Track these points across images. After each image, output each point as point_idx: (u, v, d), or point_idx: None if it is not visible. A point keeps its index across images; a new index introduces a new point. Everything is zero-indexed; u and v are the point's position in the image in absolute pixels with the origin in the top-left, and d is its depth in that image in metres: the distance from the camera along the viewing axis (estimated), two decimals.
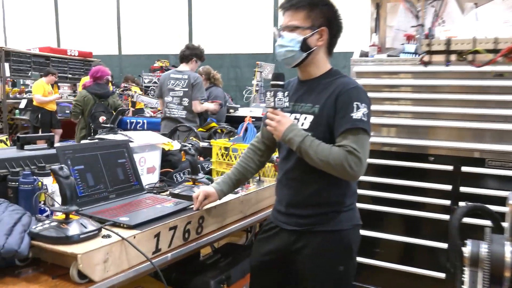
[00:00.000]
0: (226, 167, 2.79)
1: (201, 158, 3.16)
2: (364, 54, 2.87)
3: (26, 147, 2.18)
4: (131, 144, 2.40)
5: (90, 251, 1.37)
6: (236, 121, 5.35)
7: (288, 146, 1.74)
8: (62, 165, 1.48)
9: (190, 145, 3.23)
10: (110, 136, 2.52)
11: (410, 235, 2.81)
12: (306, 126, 1.74)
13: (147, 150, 2.59)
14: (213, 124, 4.34)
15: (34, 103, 7.72)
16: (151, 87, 8.50)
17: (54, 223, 1.44)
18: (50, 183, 1.75)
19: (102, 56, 11.01)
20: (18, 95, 8.54)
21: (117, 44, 12.62)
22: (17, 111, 8.46)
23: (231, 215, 2.07)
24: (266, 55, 10.14)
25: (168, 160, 2.85)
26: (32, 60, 8.69)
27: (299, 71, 1.85)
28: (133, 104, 6.66)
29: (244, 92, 8.32)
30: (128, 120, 4.93)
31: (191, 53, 4.54)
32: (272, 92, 1.72)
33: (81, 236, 1.41)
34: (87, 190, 1.73)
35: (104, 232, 1.50)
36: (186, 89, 4.45)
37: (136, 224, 1.58)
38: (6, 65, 8.04)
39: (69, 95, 9.30)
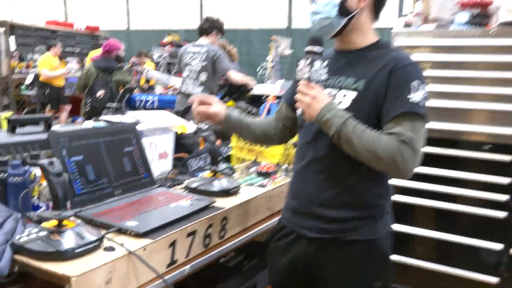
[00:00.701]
0: (248, 153, 2.47)
1: (219, 142, 2.84)
2: (406, 26, 2.49)
3: (19, 130, 1.87)
4: (140, 127, 2.09)
5: (87, 271, 1.06)
6: (252, 100, 5.02)
7: (316, 129, 1.43)
8: (53, 159, 1.16)
9: (206, 126, 2.92)
10: (117, 118, 2.21)
11: (452, 232, 2.49)
12: (346, 104, 1.40)
13: (159, 133, 2.28)
14: (230, 103, 4.01)
15: (41, 78, 7.41)
16: (160, 63, 8.15)
17: (43, 233, 1.13)
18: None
19: (110, 31, 10.63)
20: (24, 70, 8.23)
21: (126, 18, 12.20)
22: (23, 86, 8.17)
23: (258, 213, 1.76)
24: (281, 31, 9.68)
25: (182, 144, 2.54)
26: (37, 34, 8.37)
27: (338, 42, 1.50)
28: (147, 81, 6.31)
29: (258, 69, 7.93)
30: (137, 98, 4.61)
31: (211, 26, 4.24)
32: (308, 60, 1.38)
33: (76, 251, 1.11)
34: (87, 186, 1.42)
35: (106, 243, 1.19)
36: (205, 63, 4.14)
37: (147, 232, 1.27)
38: (12, 39, 7.71)
39: (76, 70, 8.98)
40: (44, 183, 1.44)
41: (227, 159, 2.51)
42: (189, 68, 4.20)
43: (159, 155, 2.29)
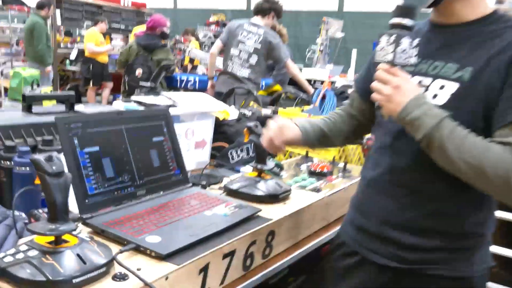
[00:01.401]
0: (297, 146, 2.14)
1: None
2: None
3: (37, 109, 1.62)
4: (175, 111, 1.80)
5: None
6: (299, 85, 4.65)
7: (397, 129, 1.10)
8: (52, 154, 0.87)
9: (250, 112, 2.61)
10: (150, 99, 1.92)
11: None
12: (442, 100, 1.05)
13: (197, 118, 1.98)
14: (277, 87, 3.66)
15: (86, 53, 7.29)
16: (205, 43, 7.88)
17: (34, 252, 0.85)
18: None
19: (157, 9, 10.46)
20: (69, 45, 8.16)
21: None
22: (68, 61, 8.12)
23: (311, 224, 1.44)
24: (331, 13, 9.18)
25: (222, 131, 2.24)
26: (84, 9, 8.26)
27: (436, 12, 1.13)
28: (191, 60, 6.04)
29: (306, 52, 7.52)
30: (178, 78, 4.34)
31: (271, 7, 3.90)
32: (393, 36, 1.03)
33: (76, 280, 0.82)
34: (103, 185, 1.14)
35: (117, 268, 0.90)
36: (259, 46, 3.80)
37: (171, 253, 0.97)
38: (58, 13, 7.62)
39: (121, 48, 8.86)
40: None
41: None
42: (241, 47, 3.86)
43: (195, 144, 2.00)
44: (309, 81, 5.16)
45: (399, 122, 1.03)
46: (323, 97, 2.33)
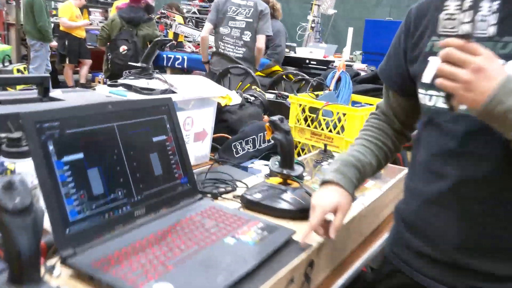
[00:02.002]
0: (311, 138, 1.86)
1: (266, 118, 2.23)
2: None
3: (4, 95, 1.29)
4: (177, 96, 1.50)
5: None
6: (295, 64, 4.35)
7: (468, 128, 0.86)
8: (11, 178, 0.56)
9: (253, 97, 2.30)
10: (142, 82, 1.60)
11: None
12: None
13: (196, 106, 1.68)
14: (277, 67, 3.34)
15: (61, 28, 6.81)
16: (188, 18, 7.45)
17: None
18: (26, 169, 0.87)
19: None
20: None
21: None
22: None
23: (348, 242, 1.16)
24: None
25: (223, 120, 1.94)
26: None
27: None
28: (175, 36, 5.63)
29: (297, 29, 7.17)
30: (164, 56, 3.98)
31: None
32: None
33: None
34: (89, 206, 0.83)
35: None
36: (250, 20, 3.45)
37: None
38: None
39: (100, 22, 8.34)
40: (30, 182, 0.86)
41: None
42: (232, 24, 3.51)
43: (195, 136, 1.70)
44: (303, 60, 4.86)
45: (482, 117, 0.75)
46: (338, 80, 2.03)
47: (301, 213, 1.07)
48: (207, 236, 0.90)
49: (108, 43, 4.26)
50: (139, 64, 1.64)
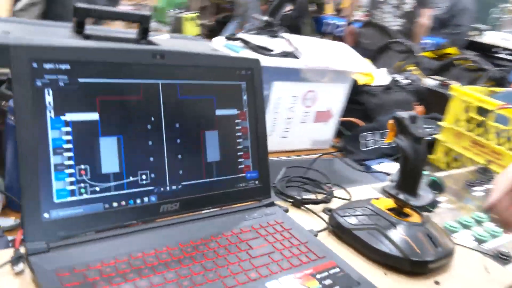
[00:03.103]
0: (471, 148, 1.37)
1: (419, 108, 1.77)
2: None
3: (97, 30, 1.14)
4: (294, 62, 1.21)
5: None
6: (478, 50, 3.61)
7: None
8: None
9: (406, 80, 1.86)
10: (262, 40, 1.32)
11: None
12: None
13: (325, 79, 1.35)
14: (452, 50, 2.74)
15: None
16: None
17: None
18: None
19: None
20: None
21: None
22: None
23: None
24: None
25: (358, 102, 1.57)
26: None
27: None
28: None
29: (491, 11, 6.07)
30: (324, 21, 3.62)
31: None
32: None
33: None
34: (89, 188, 0.60)
35: None
36: None
37: None
38: None
39: None
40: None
41: (429, 147, 1.45)
42: None
43: (316, 115, 1.38)
44: (490, 47, 4.05)
45: None
46: None
47: (411, 265, 0.69)
48: (245, 268, 0.60)
49: None
50: (263, 18, 1.36)
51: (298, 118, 1.34)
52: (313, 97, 1.34)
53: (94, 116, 0.60)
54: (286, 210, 0.78)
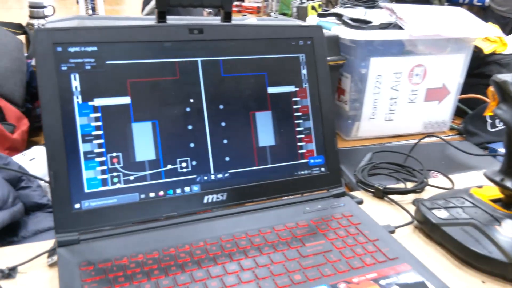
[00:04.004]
0: None
1: None
2: None
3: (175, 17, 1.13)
4: (397, 34, 1.07)
5: None
6: None
7: None
8: None
9: None
10: (358, 12, 1.18)
11: None
12: None
13: (435, 49, 1.17)
14: None
15: None
16: None
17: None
18: None
19: None
20: None
21: None
22: None
23: None
24: None
25: (483, 75, 1.33)
26: None
27: None
28: None
29: None
30: None
31: None
32: None
33: None
34: (123, 177, 0.56)
35: None
36: None
37: None
38: None
39: None
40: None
41: None
42: None
43: (426, 93, 1.21)
44: None
45: None
46: None
47: None
48: (290, 269, 0.51)
49: None
50: None
51: (405, 98, 1.18)
52: (422, 72, 1.17)
53: (125, 100, 0.56)
54: (360, 202, 0.66)
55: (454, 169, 0.86)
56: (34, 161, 0.77)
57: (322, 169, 0.66)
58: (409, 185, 0.74)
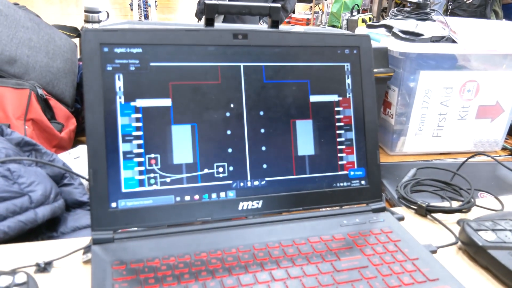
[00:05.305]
0: None
1: None
2: None
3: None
4: (448, 48, 1.04)
5: None
6: None
7: None
8: None
9: None
10: (412, 25, 1.14)
11: None
12: None
13: (489, 64, 1.13)
14: None
15: None
16: None
17: None
18: None
19: None
20: None
21: None
22: None
23: None
24: None
25: None
26: None
27: None
28: None
29: None
30: None
31: None
32: None
33: None
34: (160, 179, 0.56)
35: None
36: None
37: None
38: None
39: None
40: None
41: None
42: None
43: (478, 110, 1.16)
44: None
45: None
46: None
47: None
48: (323, 283, 0.49)
49: None
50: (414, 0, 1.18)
51: (455, 114, 1.13)
52: (475, 88, 1.12)
53: (166, 102, 0.56)
54: (401, 218, 0.63)
55: (505, 191, 0.82)
56: (78, 159, 0.79)
57: (363, 182, 0.64)
58: (455, 204, 0.70)
